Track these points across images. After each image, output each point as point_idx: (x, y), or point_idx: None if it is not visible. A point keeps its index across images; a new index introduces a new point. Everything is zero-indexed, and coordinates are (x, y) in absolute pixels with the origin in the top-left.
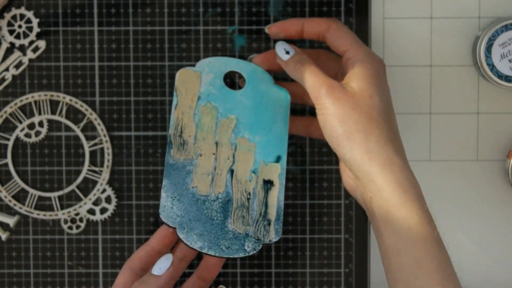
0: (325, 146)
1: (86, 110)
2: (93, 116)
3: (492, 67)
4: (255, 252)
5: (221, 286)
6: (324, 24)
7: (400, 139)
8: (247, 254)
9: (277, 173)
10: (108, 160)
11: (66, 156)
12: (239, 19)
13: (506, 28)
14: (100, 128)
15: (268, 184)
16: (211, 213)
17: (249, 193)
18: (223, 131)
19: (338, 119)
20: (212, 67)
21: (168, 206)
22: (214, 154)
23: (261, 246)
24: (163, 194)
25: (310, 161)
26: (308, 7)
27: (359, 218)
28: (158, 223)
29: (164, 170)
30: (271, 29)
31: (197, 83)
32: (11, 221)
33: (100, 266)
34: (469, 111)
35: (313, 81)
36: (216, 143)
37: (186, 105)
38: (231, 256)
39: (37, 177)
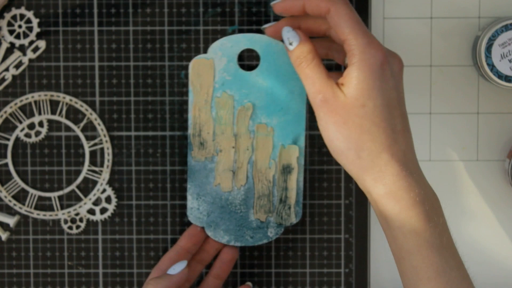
0: (325, 146)
1: (86, 110)
2: (93, 116)
3: (492, 67)
4: (277, 236)
5: (248, 283)
6: (324, 5)
7: (403, 137)
8: (270, 240)
9: (295, 155)
10: (108, 160)
11: (66, 156)
12: (239, 19)
13: (506, 28)
14: (100, 128)
15: (287, 168)
16: (235, 207)
17: (270, 181)
18: (240, 121)
19: (330, 135)
20: (225, 50)
21: (195, 208)
22: (233, 147)
23: (283, 230)
24: (189, 197)
25: (310, 161)
26: None
27: (359, 218)
28: (158, 223)
29: (187, 172)
30: (275, 9)
31: (211, 73)
32: (11, 221)
33: (100, 266)
34: (469, 111)
35: (309, 87)
36: (235, 135)
37: (202, 100)
38: (256, 244)
39: (37, 177)
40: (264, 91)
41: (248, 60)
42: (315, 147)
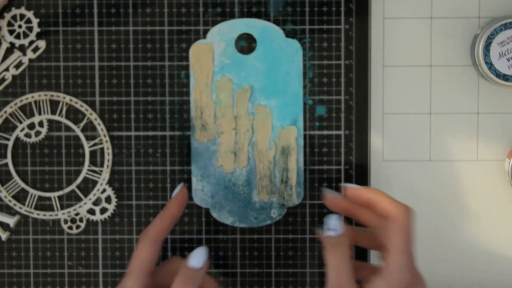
0: (325, 146)
1: (86, 110)
2: (93, 116)
3: (490, 65)
4: (280, 217)
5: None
6: (390, 212)
7: None
8: (274, 221)
9: (294, 136)
10: (108, 160)
11: (66, 156)
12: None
13: (505, 26)
14: (100, 128)
15: (287, 149)
16: (238, 188)
17: (270, 162)
18: (240, 103)
19: None
20: (223, 35)
21: (199, 189)
22: (234, 129)
23: (285, 210)
24: (193, 179)
25: (310, 161)
26: (308, 7)
27: None
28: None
29: (191, 155)
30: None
31: (210, 57)
32: (11, 221)
33: (100, 266)
34: (469, 111)
35: (331, 274)
36: (235, 117)
37: (203, 83)
38: (260, 225)
39: (37, 177)
40: (262, 73)
41: (245, 44)
42: (315, 147)
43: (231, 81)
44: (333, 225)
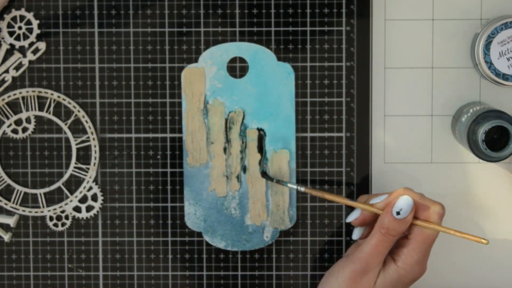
0: (326, 148)
1: (74, 107)
2: (81, 114)
3: (490, 64)
4: (273, 240)
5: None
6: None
7: None
8: (266, 244)
9: (286, 159)
10: (95, 158)
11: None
12: (239, 21)
13: (506, 26)
14: (88, 125)
15: (279, 172)
16: (230, 211)
17: (263, 185)
18: (232, 126)
19: (331, 274)
20: (214, 58)
21: (192, 213)
22: (226, 153)
23: (278, 234)
24: (185, 202)
25: (311, 163)
26: (309, 9)
27: None
28: (159, 225)
29: (183, 178)
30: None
31: (202, 81)
32: (11, 221)
33: (101, 268)
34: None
35: (368, 250)
36: (227, 141)
37: (195, 107)
38: (253, 249)
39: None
40: (254, 97)
41: (237, 68)
42: (316, 149)
43: (223, 105)
44: (405, 210)
